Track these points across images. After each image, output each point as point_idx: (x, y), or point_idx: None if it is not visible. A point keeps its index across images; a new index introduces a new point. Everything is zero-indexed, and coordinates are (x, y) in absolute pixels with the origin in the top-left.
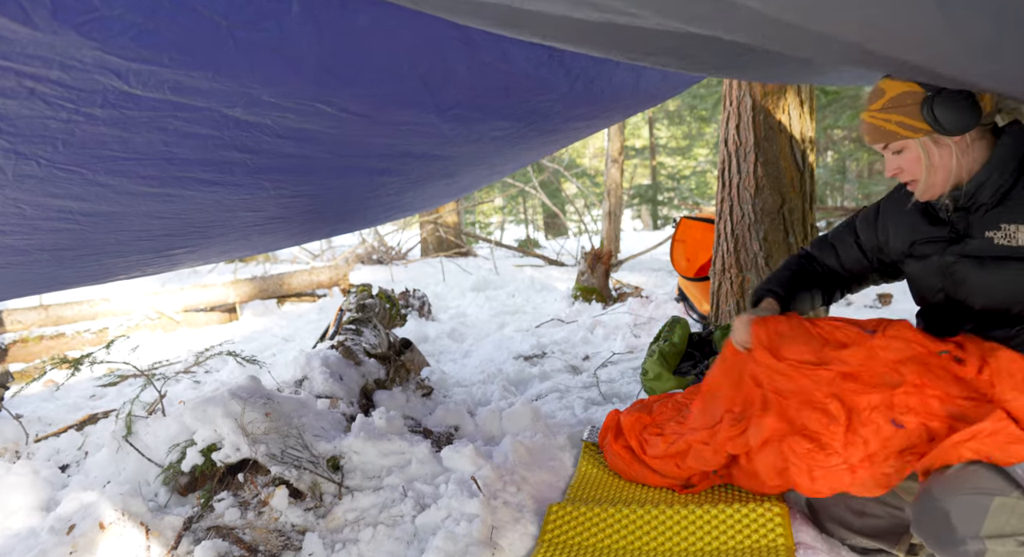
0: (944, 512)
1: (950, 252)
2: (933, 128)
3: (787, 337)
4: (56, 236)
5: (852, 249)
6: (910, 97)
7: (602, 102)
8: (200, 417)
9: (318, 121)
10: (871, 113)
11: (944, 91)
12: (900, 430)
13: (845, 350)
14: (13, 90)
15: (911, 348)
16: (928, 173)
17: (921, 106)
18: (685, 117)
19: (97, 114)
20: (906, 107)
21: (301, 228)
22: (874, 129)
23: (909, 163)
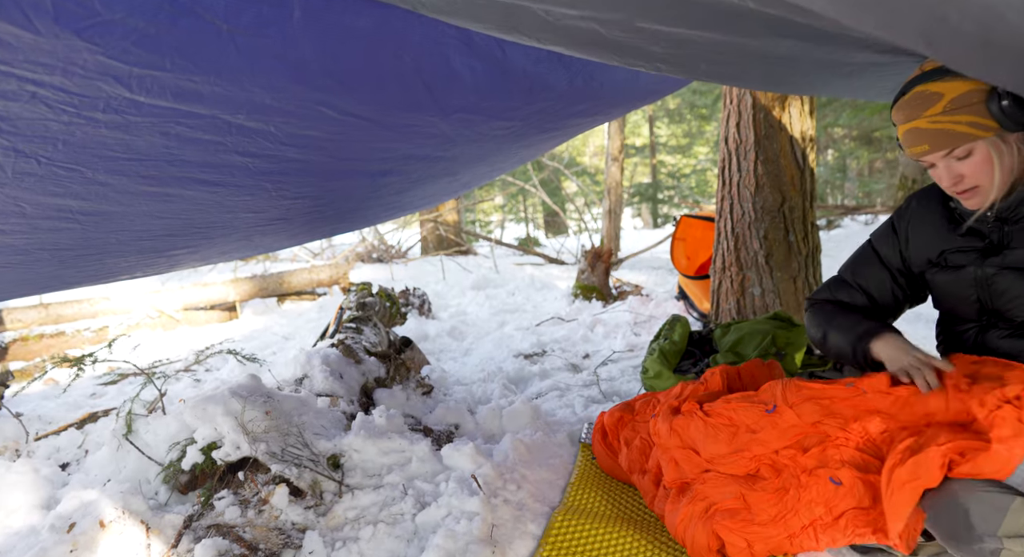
0: (964, 509)
1: (989, 264)
2: (1003, 125)
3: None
4: (56, 235)
5: (877, 272)
6: (975, 95)
7: (602, 98)
8: (200, 415)
9: (321, 126)
10: (932, 119)
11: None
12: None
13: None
14: (15, 93)
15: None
16: (1000, 175)
17: (988, 102)
18: (685, 115)
19: (99, 118)
20: (974, 105)
21: (302, 228)
22: (939, 135)
23: (977, 167)
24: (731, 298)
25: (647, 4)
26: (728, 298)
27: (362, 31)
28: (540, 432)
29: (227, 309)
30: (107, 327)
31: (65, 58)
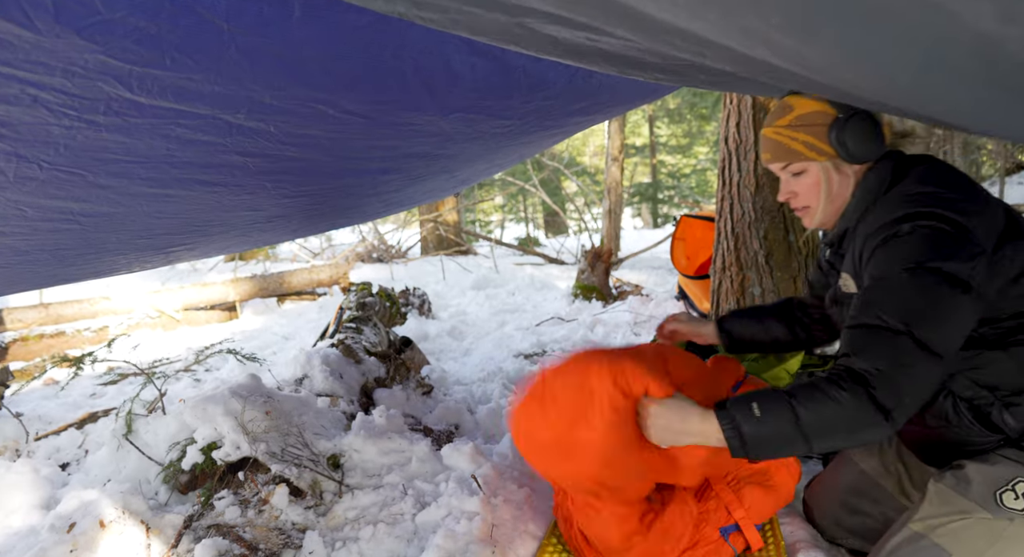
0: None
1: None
2: (839, 153)
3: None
4: (57, 236)
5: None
6: (820, 117)
7: (601, 96)
8: (200, 415)
9: (320, 125)
10: (776, 129)
11: (856, 114)
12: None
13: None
14: (16, 97)
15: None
16: (826, 201)
17: (830, 128)
18: (685, 115)
19: (100, 121)
20: (814, 127)
21: (301, 224)
22: (777, 146)
23: (806, 188)
24: (731, 298)
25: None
26: (728, 298)
27: (362, 30)
28: None
29: (227, 309)
30: (107, 327)
31: (65, 58)
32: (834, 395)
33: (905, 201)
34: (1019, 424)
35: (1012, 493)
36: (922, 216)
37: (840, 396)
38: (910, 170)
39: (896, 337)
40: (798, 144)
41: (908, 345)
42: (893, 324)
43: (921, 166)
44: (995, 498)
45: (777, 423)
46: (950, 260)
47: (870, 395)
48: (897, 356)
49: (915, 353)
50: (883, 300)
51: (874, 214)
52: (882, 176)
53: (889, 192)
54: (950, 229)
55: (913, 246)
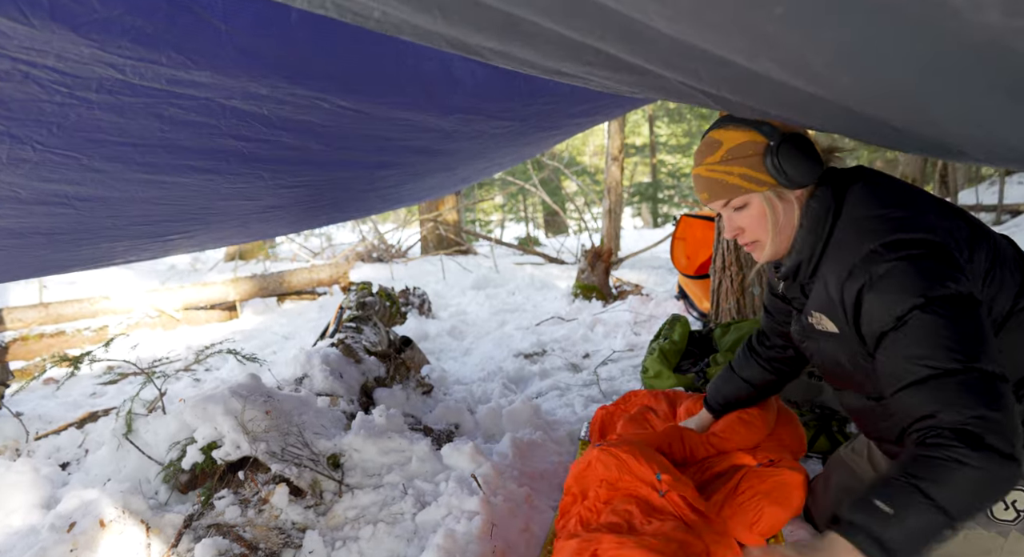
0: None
1: (797, 321)
2: (778, 181)
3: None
4: (52, 220)
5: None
6: (751, 147)
7: (603, 99)
8: (200, 415)
9: (315, 113)
10: (708, 167)
11: (787, 139)
12: None
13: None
14: (7, 73)
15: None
16: (774, 232)
17: (764, 156)
18: (685, 115)
19: (92, 98)
20: (748, 158)
21: (299, 216)
22: (713, 184)
23: (752, 221)
24: (731, 298)
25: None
26: (728, 297)
27: (362, 34)
28: (540, 431)
29: (227, 308)
30: (107, 326)
31: (60, 47)
32: (957, 458)
33: (862, 232)
34: None
35: (1002, 504)
36: (893, 247)
37: (959, 455)
38: (848, 191)
39: (964, 376)
40: (734, 178)
41: (977, 378)
42: (949, 366)
43: (857, 184)
44: (986, 511)
45: (915, 513)
46: (949, 281)
47: (986, 446)
48: (980, 396)
49: (989, 381)
50: (920, 348)
51: (836, 252)
52: (825, 202)
53: (838, 221)
54: (926, 251)
55: (906, 282)
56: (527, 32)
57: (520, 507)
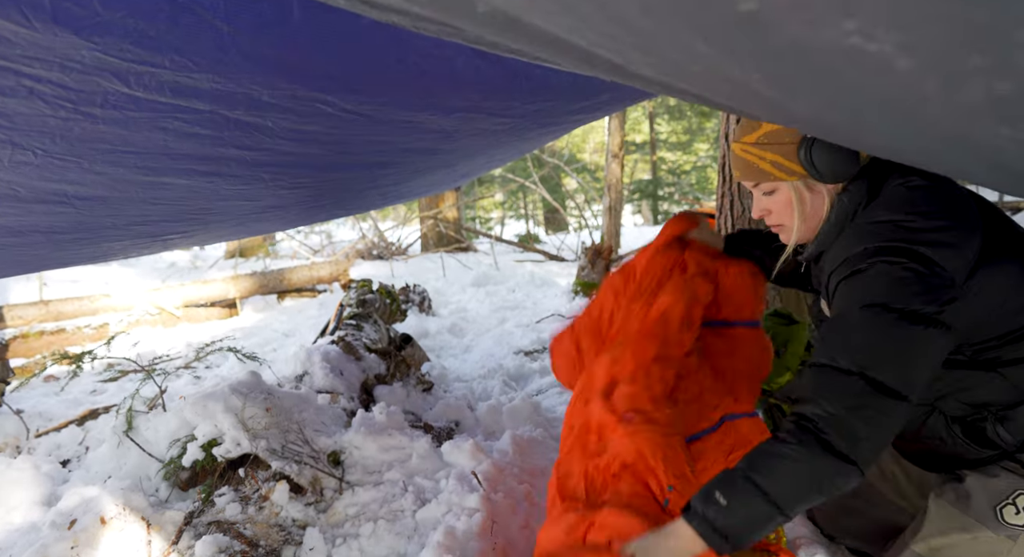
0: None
1: (816, 303)
2: (809, 173)
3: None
4: (51, 218)
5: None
6: (788, 135)
7: (603, 96)
8: (201, 412)
9: (320, 121)
10: (743, 146)
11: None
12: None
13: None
14: (12, 89)
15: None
16: (800, 220)
17: (799, 147)
18: (686, 112)
19: (96, 113)
20: (783, 146)
21: (298, 215)
22: (746, 165)
23: (779, 207)
24: None
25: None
26: None
27: (364, 33)
28: (540, 428)
29: (227, 306)
30: (107, 324)
31: (63, 54)
32: (785, 452)
33: (868, 233)
34: (1015, 437)
35: (1013, 507)
36: (885, 251)
37: (791, 451)
38: (883, 189)
39: (847, 378)
40: (766, 164)
41: (859, 387)
42: (845, 365)
43: (896, 184)
44: (996, 513)
45: (746, 504)
46: (914, 298)
47: (821, 441)
48: (847, 398)
49: (868, 395)
50: (837, 340)
51: (840, 244)
52: (856, 198)
53: (856, 217)
54: (915, 266)
55: (873, 284)
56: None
57: (520, 504)
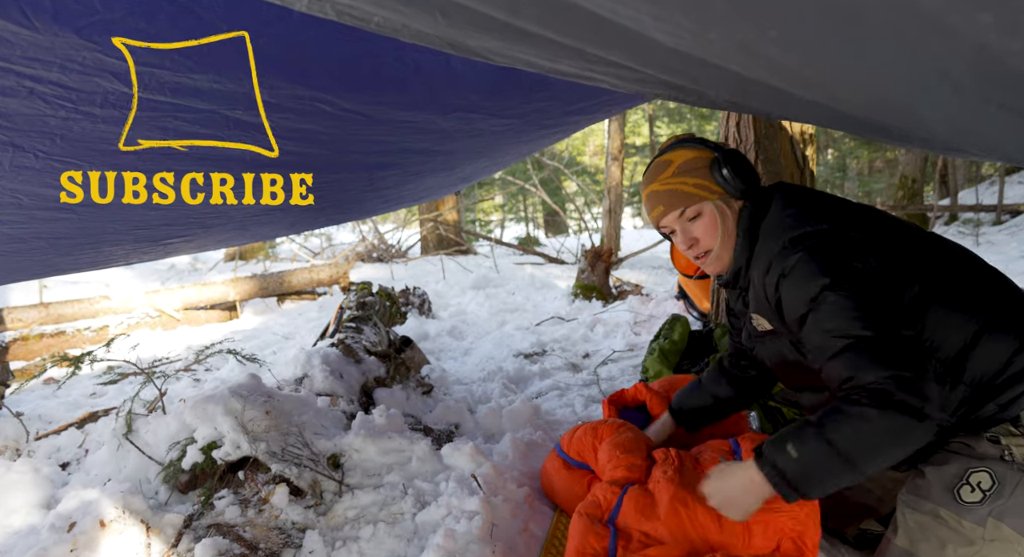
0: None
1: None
2: (724, 189)
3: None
4: (53, 225)
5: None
6: (700, 161)
7: (602, 96)
8: (200, 415)
9: (318, 120)
10: (663, 182)
11: (729, 151)
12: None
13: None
14: (12, 89)
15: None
16: (723, 239)
17: (711, 168)
18: (686, 115)
19: (96, 113)
20: (699, 170)
21: (299, 218)
22: (670, 195)
23: (706, 230)
24: None
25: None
26: None
27: (363, 32)
28: (540, 431)
29: (227, 308)
30: (107, 326)
31: (63, 54)
32: (860, 413)
33: (780, 232)
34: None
35: (968, 486)
36: (801, 238)
37: (867, 413)
38: (772, 199)
39: (873, 342)
40: (689, 187)
41: (889, 342)
42: (863, 334)
43: (778, 192)
44: (955, 495)
45: (817, 457)
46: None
47: (894, 403)
48: (889, 355)
49: (901, 344)
50: (837, 322)
51: (759, 254)
52: (752, 210)
53: (761, 225)
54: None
55: (813, 265)
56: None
57: (520, 507)
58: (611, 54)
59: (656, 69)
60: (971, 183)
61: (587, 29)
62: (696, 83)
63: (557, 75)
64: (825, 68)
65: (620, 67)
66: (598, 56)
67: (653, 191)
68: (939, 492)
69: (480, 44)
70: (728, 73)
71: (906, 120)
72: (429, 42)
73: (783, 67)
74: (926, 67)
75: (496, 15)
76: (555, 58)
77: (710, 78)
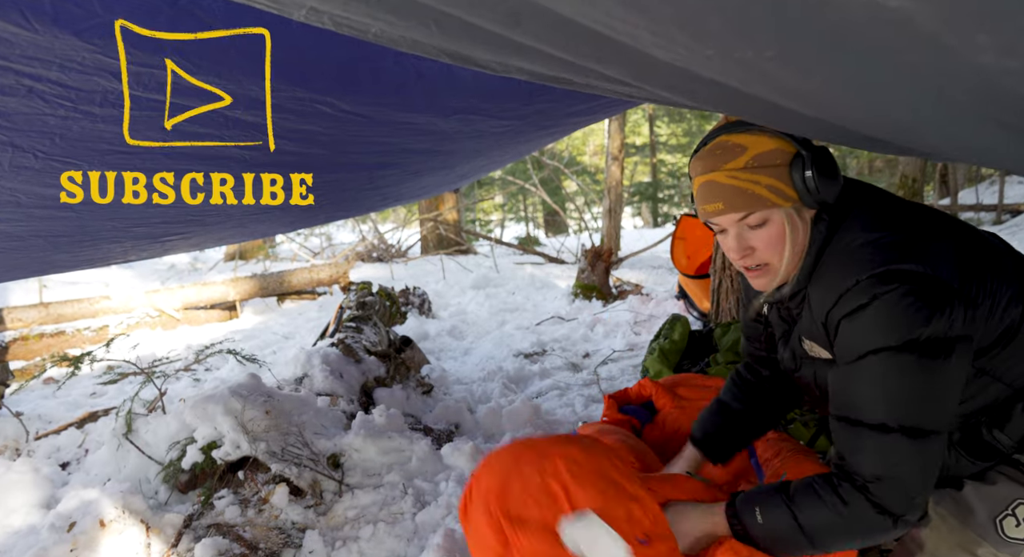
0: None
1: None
2: (801, 197)
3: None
4: (51, 224)
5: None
6: (780, 155)
7: (601, 98)
8: (200, 415)
9: (318, 122)
10: (731, 173)
11: (818, 149)
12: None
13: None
14: (12, 88)
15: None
16: (790, 254)
17: (791, 167)
18: (686, 115)
19: (96, 112)
20: (776, 168)
21: (297, 216)
22: (736, 193)
23: (769, 241)
24: (731, 297)
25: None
26: (728, 297)
27: None
28: (540, 431)
29: (227, 308)
30: (107, 326)
31: (62, 55)
32: (832, 502)
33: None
34: (1012, 438)
35: (1013, 519)
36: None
37: (838, 506)
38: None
39: (885, 436)
40: (761, 188)
41: (902, 442)
42: (879, 419)
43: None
44: (996, 526)
45: (780, 529)
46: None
47: (872, 503)
48: (892, 458)
49: (912, 446)
50: (859, 392)
51: (824, 276)
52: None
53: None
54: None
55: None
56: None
57: None
58: (609, 69)
59: (654, 85)
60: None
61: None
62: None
63: (555, 84)
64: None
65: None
66: (596, 71)
67: (713, 182)
68: (981, 519)
69: (478, 56)
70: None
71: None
72: (427, 52)
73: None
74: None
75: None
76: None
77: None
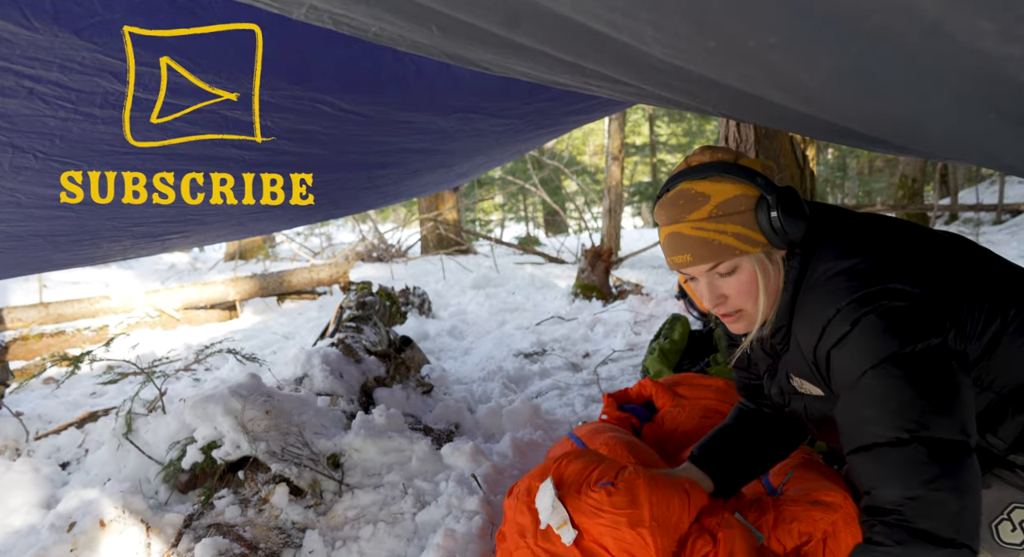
0: None
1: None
2: (769, 240)
3: None
4: (51, 223)
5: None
6: (744, 201)
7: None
8: (200, 415)
9: (318, 121)
10: (696, 225)
11: (781, 189)
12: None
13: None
14: (12, 89)
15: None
16: (764, 298)
17: (756, 212)
18: (686, 114)
19: (96, 113)
20: (741, 214)
21: (296, 215)
22: (702, 245)
23: (740, 288)
24: None
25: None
26: None
27: None
28: (540, 431)
29: (227, 308)
30: (107, 326)
31: (63, 55)
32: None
33: (829, 292)
34: (1005, 441)
35: (1008, 523)
36: (857, 304)
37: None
38: (822, 241)
39: (903, 449)
40: (728, 238)
41: (922, 454)
42: (893, 435)
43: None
44: (992, 531)
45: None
46: (917, 333)
47: (919, 533)
48: (919, 473)
49: (937, 457)
50: (867, 416)
51: (805, 310)
52: (803, 259)
53: (808, 274)
54: (892, 304)
55: (866, 343)
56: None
57: None
58: (608, 70)
59: (654, 85)
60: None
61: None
62: (693, 98)
63: (555, 85)
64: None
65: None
66: (596, 71)
67: (679, 233)
68: None
69: (478, 57)
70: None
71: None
72: (427, 52)
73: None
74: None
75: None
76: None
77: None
